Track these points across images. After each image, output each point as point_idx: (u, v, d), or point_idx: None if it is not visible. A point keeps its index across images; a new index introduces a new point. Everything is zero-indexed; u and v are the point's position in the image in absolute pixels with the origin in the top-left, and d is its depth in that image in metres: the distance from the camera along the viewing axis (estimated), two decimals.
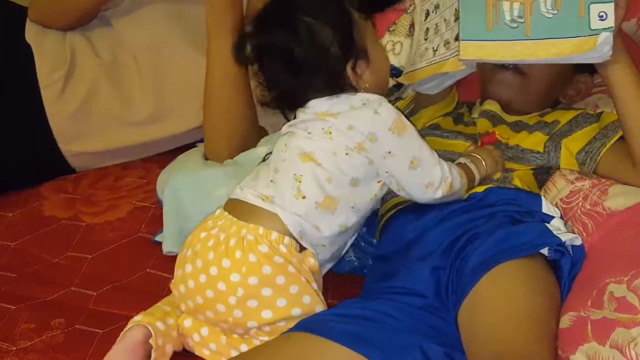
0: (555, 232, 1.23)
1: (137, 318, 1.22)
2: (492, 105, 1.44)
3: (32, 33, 1.76)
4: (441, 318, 1.20)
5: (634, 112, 1.24)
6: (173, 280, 1.25)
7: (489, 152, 1.35)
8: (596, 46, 1.15)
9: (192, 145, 1.67)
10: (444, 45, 1.31)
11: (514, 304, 1.15)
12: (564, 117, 1.40)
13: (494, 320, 1.13)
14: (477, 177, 1.31)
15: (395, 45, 1.67)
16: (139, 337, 1.20)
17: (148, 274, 1.44)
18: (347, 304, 1.22)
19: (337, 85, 1.23)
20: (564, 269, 1.21)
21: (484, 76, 1.46)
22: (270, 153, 1.45)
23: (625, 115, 1.25)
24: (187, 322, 1.22)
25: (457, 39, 1.26)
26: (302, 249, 1.21)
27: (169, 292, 1.36)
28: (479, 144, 1.39)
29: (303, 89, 1.23)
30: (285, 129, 1.28)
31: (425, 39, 1.37)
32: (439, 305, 1.21)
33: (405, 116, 1.25)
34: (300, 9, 1.22)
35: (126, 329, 1.21)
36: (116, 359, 1.19)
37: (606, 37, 1.15)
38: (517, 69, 1.42)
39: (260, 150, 1.50)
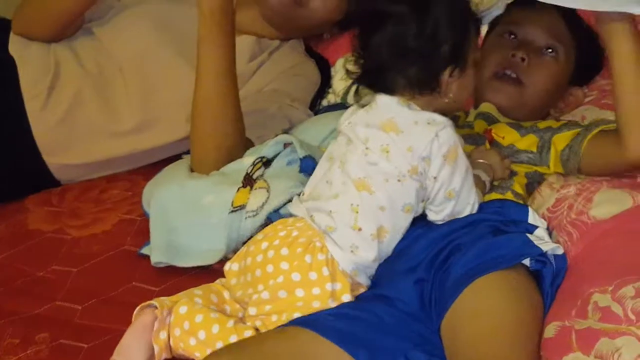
0: (537, 242, 1.23)
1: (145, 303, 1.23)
2: (488, 108, 1.45)
3: (15, 45, 1.76)
4: (427, 327, 1.20)
5: (630, 83, 1.24)
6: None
7: (496, 155, 1.35)
8: None
9: (178, 157, 1.67)
10: None
11: (496, 316, 1.15)
12: (555, 124, 1.42)
13: (477, 333, 1.13)
14: (488, 187, 1.33)
15: None
16: (143, 324, 1.20)
17: (134, 287, 1.43)
18: (343, 305, 1.21)
19: (428, 83, 1.22)
20: (546, 279, 1.22)
21: (481, 83, 1.47)
22: (264, 159, 1.46)
23: (620, 89, 1.25)
24: (183, 309, 1.21)
25: None
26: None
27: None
28: (487, 144, 1.39)
29: (395, 72, 1.21)
30: (345, 124, 1.26)
31: None
32: (423, 316, 1.21)
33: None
34: None
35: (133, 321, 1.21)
36: (127, 348, 1.19)
37: None
38: (515, 78, 1.42)
39: (247, 160, 1.50)
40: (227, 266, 1.27)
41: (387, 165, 1.20)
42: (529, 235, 1.25)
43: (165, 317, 1.21)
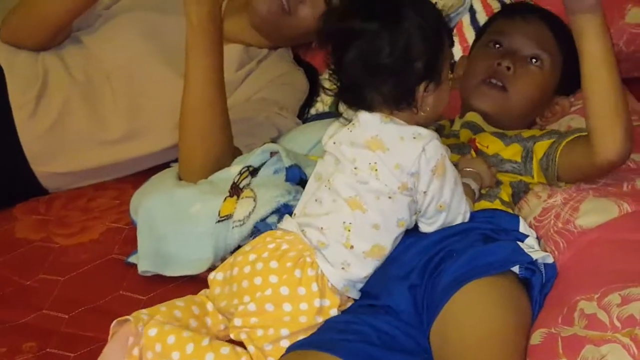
0: (527, 250, 1.23)
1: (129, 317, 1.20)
2: (474, 117, 1.46)
3: (3, 54, 1.76)
4: (422, 333, 1.20)
5: (601, 82, 1.24)
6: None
7: (483, 163, 1.35)
8: None
9: (166, 166, 1.67)
10: None
11: (484, 321, 1.15)
12: (538, 132, 1.42)
13: (465, 339, 1.14)
14: (477, 195, 1.33)
15: None
16: (123, 337, 1.18)
17: (121, 295, 1.43)
18: (347, 320, 1.21)
19: (404, 99, 1.21)
20: (535, 286, 1.22)
21: (467, 91, 1.48)
22: (250, 168, 1.45)
23: (590, 90, 1.25)
24: (152, 332, 1.18)
25: None
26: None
27: None
28: (472, 153, 1.40)
29: (371, 89, 1.21)
30: (330, 144, 1.26)
31: None
32: (418, 322, 1.21)
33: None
34: (406, 12, 1.19)
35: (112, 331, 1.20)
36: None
37: None
38: (501, 87, 1.43)
39: (234, 169, 1.50)
40: (212, 275, 1.26)
41: (377, 184, 1.21)
42: (519, 243, 1.25)
43: (140, 332, 1.18)
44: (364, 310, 1.22)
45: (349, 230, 1.21)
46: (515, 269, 1.22)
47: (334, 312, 1.20)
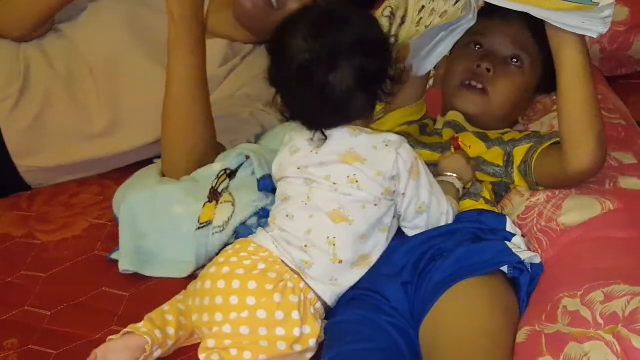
0: (515, 251, 1.24)
1: (140, 325, 1.22)
2: (456, 116, 1.46)
3: None
4: (415, 330, 1.21)
5: (577, 96, 1.25)
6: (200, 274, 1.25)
7: (462, 159, 1.36)
8: (598, 7, 1.16)
9: (149, 162, 1.66)
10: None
11: (473, 321, 1.16)
12: (518, 135, 1.43)
13: (453, 338, 1.15)
14: (461, 192, 1.34)
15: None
16: (137, 342, 1.20)
17: (104, 292, 1.42)
18: (363, 333, 1.20)
19: (365, 115, 1.25)
20: (523, 286, 1.23)
21: (449, 92, 1.48)
22: (227, 171, 1.45)
23: (567, 100, 1.26)
24: None
25: None
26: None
27: (125, 311, 1.36)
28: (452, 149, 1.41)
29: (331, 114, 1.23)
30: (291, 171, 1.26)
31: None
32: (412, 321, 1.22)
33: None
34: (350, 45, 1.19)
35: (128, 329, 1.22)
36: (111, 354, 1.20)
37: (609, 5, 1.17)
38: (481, 89, 1.44)
39: (217, 166, 1.49)
40: (192, 286, 1.26)
41: (360, 193, 1.22)
42: (507, 243, 1.26)
43: (154, 351, 1.21)
44: (364, 305, 1.22)
45: (334, 245, 1.21)
46: (504, 268, 1.23)
47: (312, 342, 1.19)
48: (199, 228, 1.41)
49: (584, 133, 1.25)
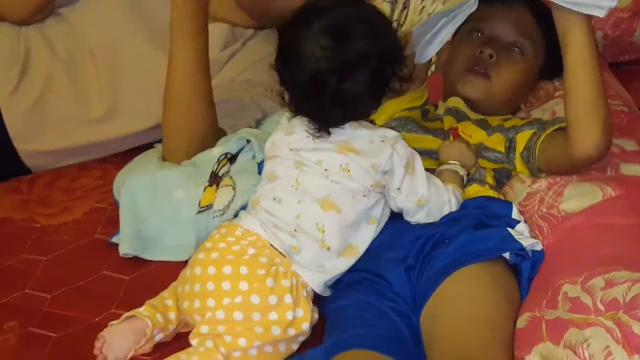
0: (517, 237, 1.24)
1: (141, 309, 1.22)
2: (457, 102, 1.46)
3: None
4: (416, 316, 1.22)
5: (584, 78, 1.24)
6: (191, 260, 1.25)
7: (462, 146, 1.36)
8: None
9: (149, 146, 1.65)
10: None
11: (474, 306, 1.17)
12: (520, 122, 1.42)
13: (454, 323, 1.15)
14: (465, 179, 1.34)
15: None
16: (139, 325, 1.21)
17: (104, 275, 1.42)
18: (367, 319, 1.20)
19: (369, 114, 1.26)
20: (524, 272, 1.23)
21: (451, 78, 1.48)
22: (228, 155, 1.45)
23: (573, 83, 1.26)
24: None
25: None
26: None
27: (125, 295, 1.36)
28: (451, 138, 1.40)
29: (339, 116, 1.23)
30: (284, 151, 1.25)
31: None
32: (414, 306, 1.22)
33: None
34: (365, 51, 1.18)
35: (129, 314, 1.22)
36: (115, 337, 1.20)
37: None
38: (483, 73, 1.43)
39: (217, 150, 1.49)
40: (182, 273, 1.26)
41: (351, 183, 1.22)
42: (510, 229, 1.26)
43: (154, 335, 1.22)
44: (366, 289, 1.23)
45: (323, 232, 1.21)
46: (506, 254, 1.23)
47: (306, 326, 1.19)
48: (199, 212, 1.41)
49: (589, 117, 1.25)
